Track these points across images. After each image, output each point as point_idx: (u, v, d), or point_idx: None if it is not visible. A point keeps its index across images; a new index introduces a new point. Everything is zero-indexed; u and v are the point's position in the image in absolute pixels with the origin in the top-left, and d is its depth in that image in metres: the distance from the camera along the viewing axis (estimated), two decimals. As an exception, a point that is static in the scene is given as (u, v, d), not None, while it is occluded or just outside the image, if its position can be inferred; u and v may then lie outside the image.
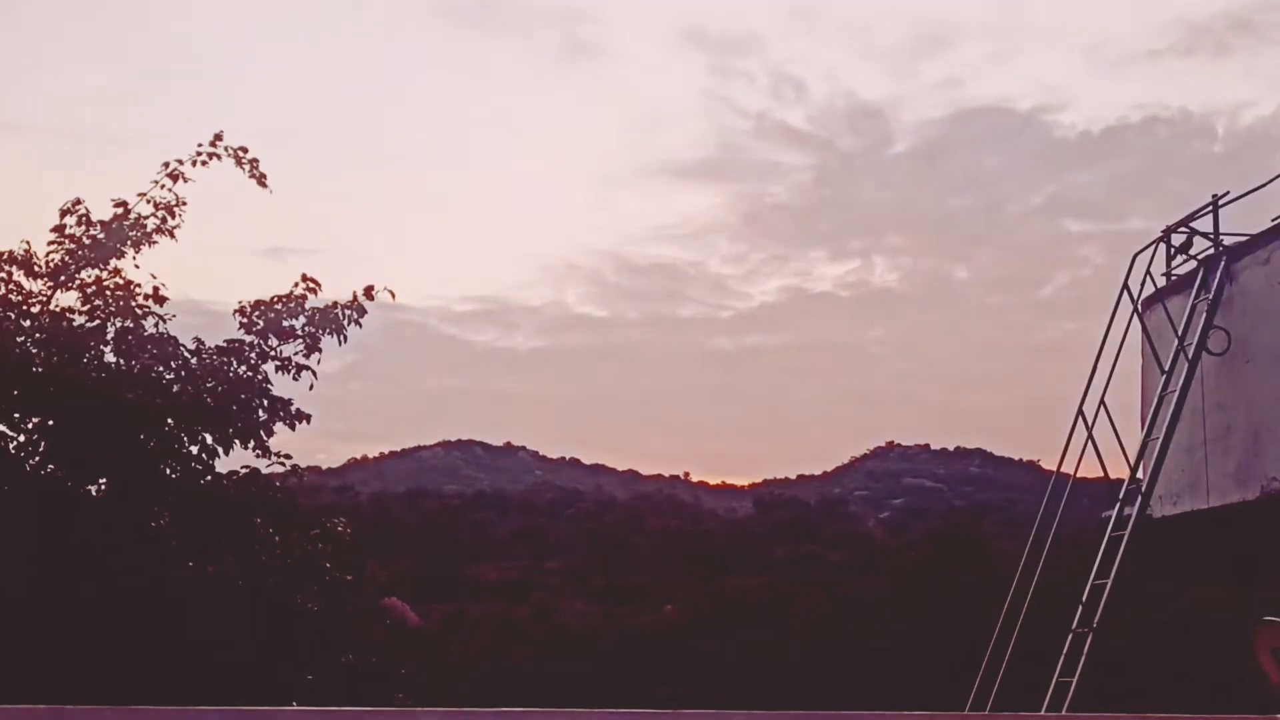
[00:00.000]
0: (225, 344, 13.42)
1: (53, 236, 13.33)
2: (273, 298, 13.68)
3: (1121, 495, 15.04)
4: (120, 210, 13.53)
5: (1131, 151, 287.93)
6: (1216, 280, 15.10)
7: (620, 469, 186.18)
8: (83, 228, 13.39)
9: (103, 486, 12.83)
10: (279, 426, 13.47)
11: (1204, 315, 15.08)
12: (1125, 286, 16.17)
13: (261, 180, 14.22)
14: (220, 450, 13.11)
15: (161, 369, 13.17)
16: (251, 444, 13.29)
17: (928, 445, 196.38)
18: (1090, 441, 15.53)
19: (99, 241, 13.37)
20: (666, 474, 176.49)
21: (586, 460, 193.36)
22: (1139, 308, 16.22)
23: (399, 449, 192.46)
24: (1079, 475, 15.84)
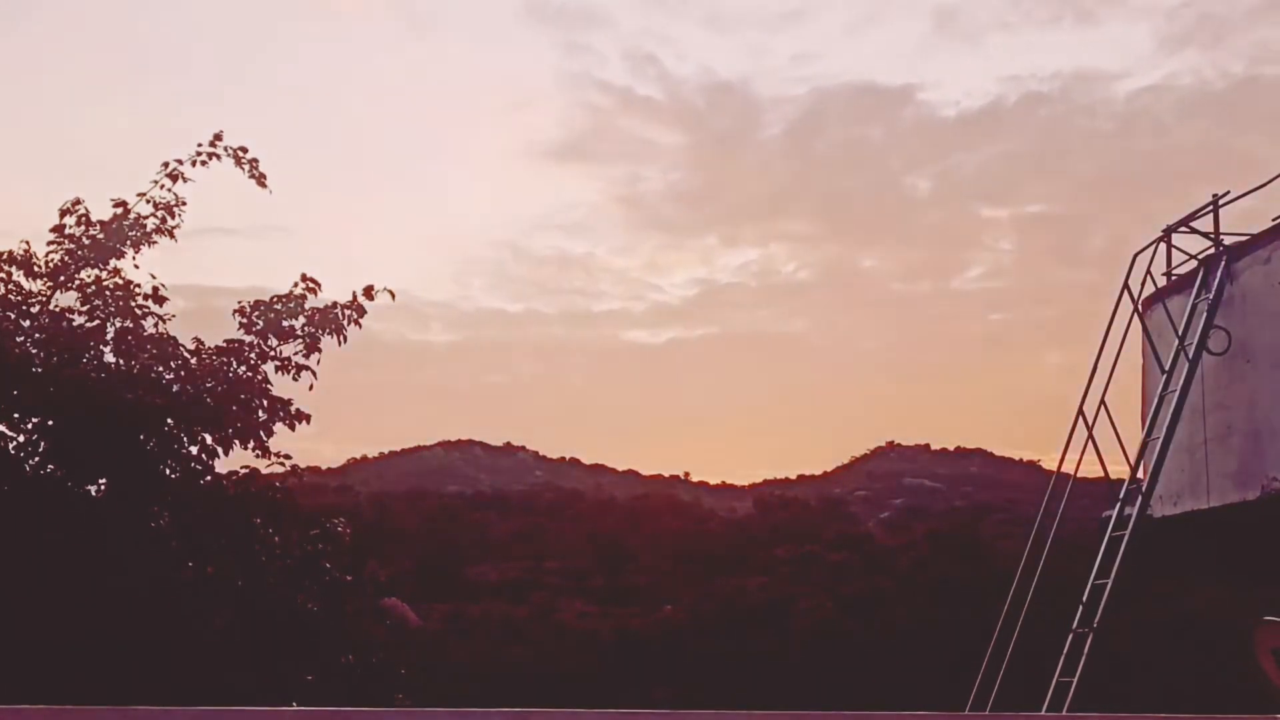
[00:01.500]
0: (225, 344, 13.42)
1: (52, 236, 13.33)
2: (272, 298, 13.69)
3: (1122, 495, 15.05)
4: (120, 210, 13.53)
5: (1016, 130, 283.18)
6: (1217, 280, 15.10)
7: (620, 469, 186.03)
8: (82, 228, 13.39)
9: (102, 487, 12.81)
10: (279, 426, 13.48)
11: (1204, 315, 15.08)
12: (1126, 286, 16.18)
13: (261, 180, 14.23)
14: (220, 450, 13.11)
15: (161, 369, 13.16)
16: (251, 444, 13.29)
17: (928, 445, 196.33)
18: (1090, 441, 15.55)
19: (98, 241, 13.37)
20: (666, 474, 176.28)
21: (586, 460, 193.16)
22: (1139, 307, 16.23)
23: (399, 449, 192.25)
24: (1079, 475, 15.86)
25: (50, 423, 12.50)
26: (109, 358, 13.14)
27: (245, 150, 14.03)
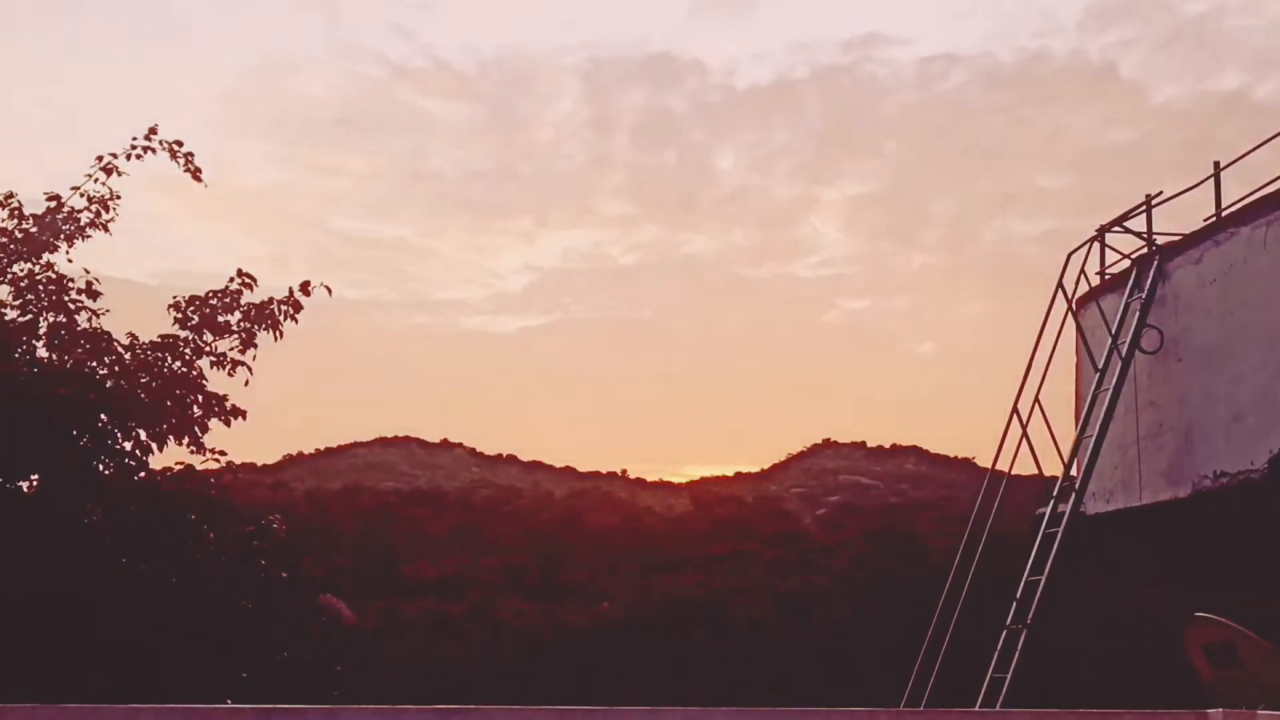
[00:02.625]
0: (160, 339, 13.34)
1: (-17, 231, 13.21)
2: (208, 293, 13.63)
3: (1055, 492, 15.16)
4: (53, 204, 13.42)
5: (815, 103, 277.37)
6: (1150, 279, 15.24)
7: (558, 466, 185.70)
8: (14, 220, 13.27)
9: (34, 483, 12.71)
10: (214, 423, 13.40)
11: (1137, 314, 15.22)
12: (1060, 285, 16.29)
13: (196, 174, 14.15)
14: (154, 446, 13.04)
15: (95, 364, 13.07)
16: (186, 440, 13.21)
17: (864, 443, 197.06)
18: (1025, 439, 15.64)
19: (31, 235, 13.25)
20: (604, 471, 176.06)
21: (524, 457, 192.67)
22: (1073, 306, 16.35)
23: (334, 445, 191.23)
24: (1014, 472, 15.95)
25: (-19, 418, 12.38)
26: (42, 352, 13.06)
27: (180, 144, 13.96)
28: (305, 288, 13.83)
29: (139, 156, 13.73)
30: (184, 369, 13.32)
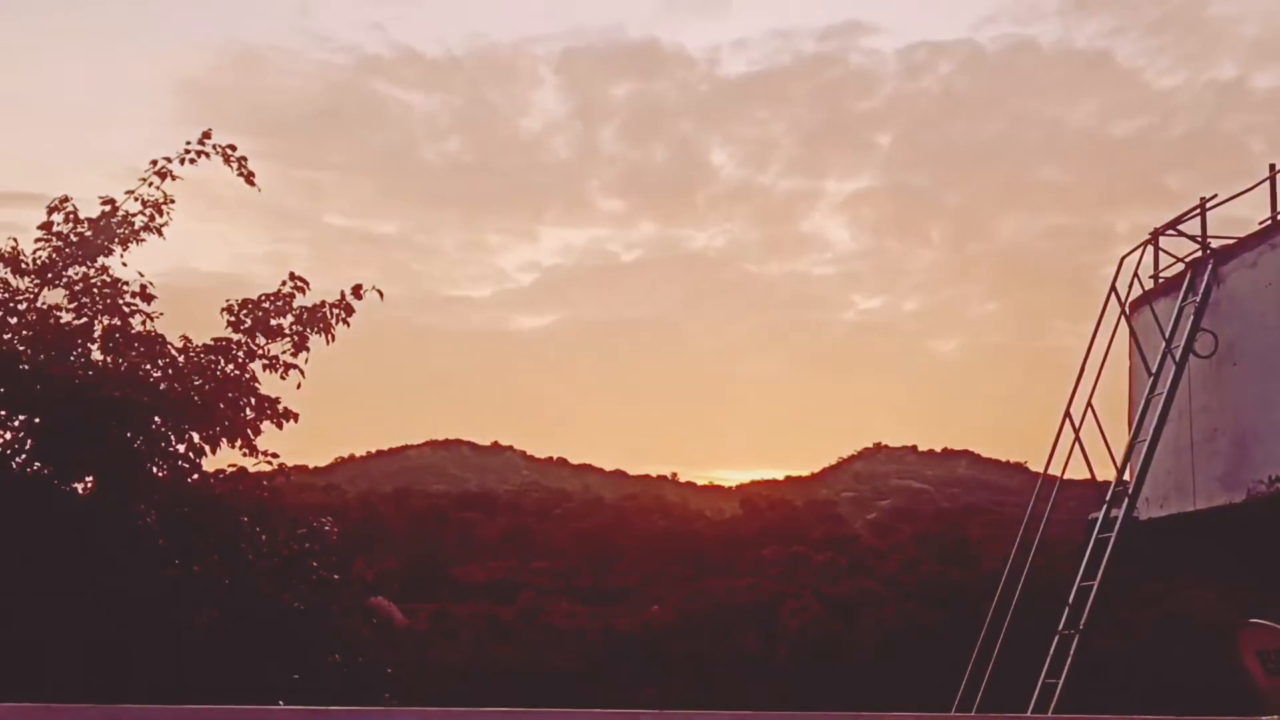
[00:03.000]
0: (213, 342, 13.41)
1: (40, 234, 13.32)
2: (260, 296, 13.69)
3: (1108, 497, 15.07)
4: (108, 208, 13.52)
5: (785, 96, 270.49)
6: (1204, 283, 15.13)
7: (608, 469, 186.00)
8: (70, 225, 13.37)
9: (89, 485, 12.79)
10: (266, 425, 13.47)
11: (1191, 318, 15.11)
12: (1113, 288, 16.20)
13: (250, 179, 14.22)
14: (207, 449, 13.09)
15: (149, 367, 13.15)
16: (238, 443, 13.28)
17: (915, 447, 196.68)
18: (1078, 444, 15.55)
19: (86, 239, 13.35)
20: (654, 474, 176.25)
21: (574, 460, 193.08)
22: (1126, 310, 16.25)
23: (386, 448, 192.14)
24: (1066, 477, 15.87)
25: (37, 420, 12.47)
26: (96, 355, 13.14)
27: (234, 148, 14.03)
28: (357, 291, 13.88)
29: (193, 161, 13.79)
30: (237, 372, 13.38)
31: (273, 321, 13.64)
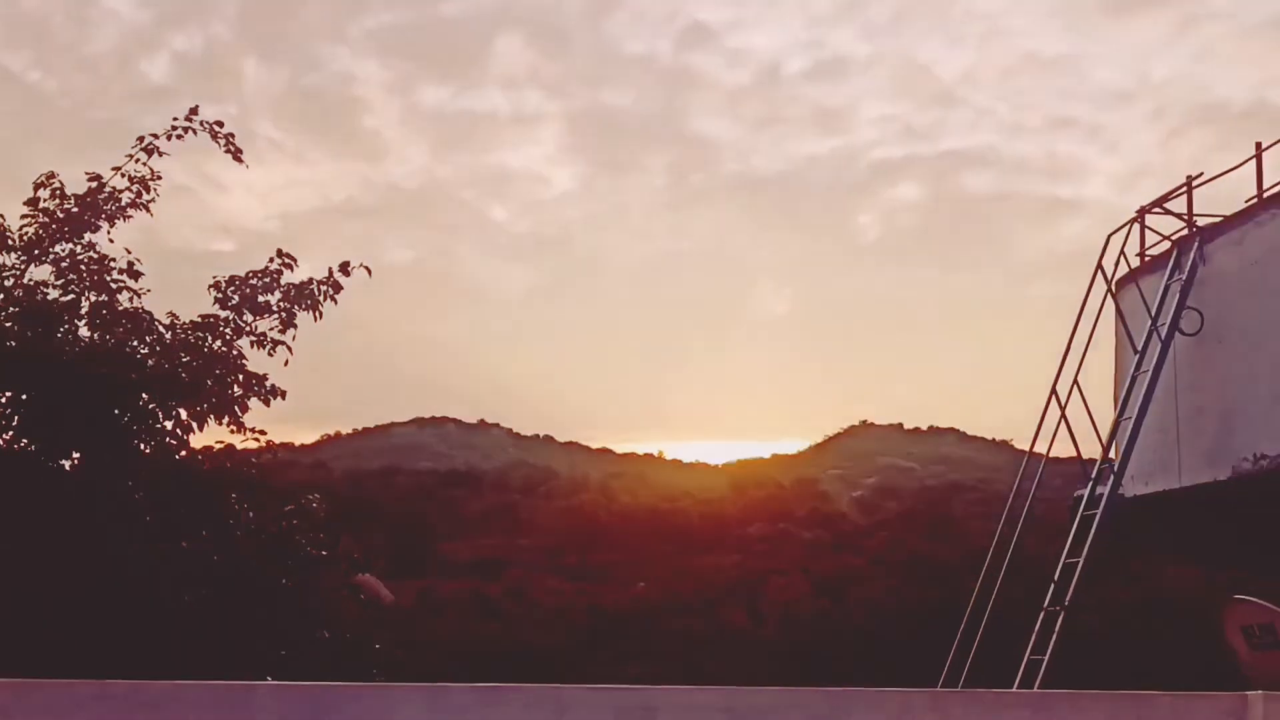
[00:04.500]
0: (200, 319, 13.40)
1: (26, 210, 13.29)
2: (248, 273, 13.68)
3: (1094, 474, 15.11)
4: (94, 184, 13.49)
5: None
6: (1190, 261, 15.16)
7: (594, 447, 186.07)
8: (56, 201, 13.34)
9: (77, 461, 12.79)
10: (253, 402, 13.47)
11: (1177, 296, 15.14)
12: (1099, 267, 16.22)
13: (237, 155, 14.20)
14: (195, 426, 13.12)
15: (136, 343, 13.14)
16: (226, 420, 13.28)
17: (901, 425, 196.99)
18: (1063, 421, 15.59)
19: (73, 215, 13.32)
20: (640, 452, 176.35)
21: (560, 438, 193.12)
22: (1112, 288, 16.27)
23: (373, 425, 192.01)
24: (1052, 455, 15.90)
25: (24, 397, 12.47)
26: (84, 332, 13.13)
27: (221, 124, 14.01)
28: (345, 268, 13.89)
29: (180, 137, 13.78)
30: (224, 349, 13.39)
31: (260, 298, 13.64)
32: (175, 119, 13.80)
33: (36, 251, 13.19)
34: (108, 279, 13.24)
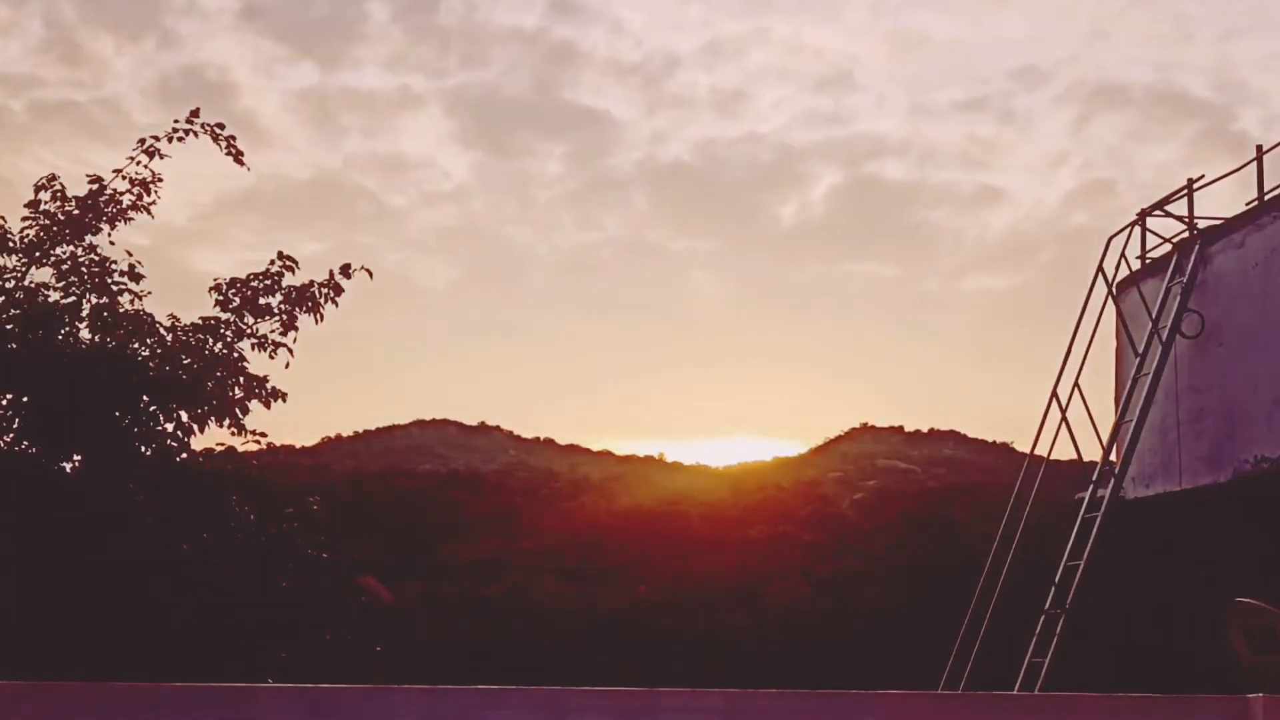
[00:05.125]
0: (201, 321, 13.40)
1: (27, 212, 13.30)
2: (249, 275, 13.69)
3: (1095, 477, 15.12)
4: (95, 186, 13.49)
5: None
6: (1190, 263, 15.16)
7: (595, 449, 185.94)
8: (58, 203, 13.35)
9: (77, 464, 12.80)
10: (254, 404, 13.48)
11: (1178, 298, 15.15)
12: (1100, 269, 16.23)
13: (238, 158, 14.20)
14: (195, 428, 13.12)
15: (137, 346, 13.14)
16: (227, 422, 13.29)
17: (901, 427, 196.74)
18: (1064, 424, 15.59)
19: (74, 217, 13.32)
20: (641, 455, 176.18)
21: (561, 441, 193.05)
22: (1113, 290, 16.28)
23: (373, 427, 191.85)
24: (1052, 457, 15.91)
25: (25, 399, 12.47)
26: (85, 334, 13.14)
27: (222, 126, 14.01)
28: (346, 270, 13.89)
29: (180, 139, 13.78)
30: (225, 351, 13.39)
31: (261, 300, 13.64)
32: (176, 121, 13.81)
33: (37, 254, 13.20)
34: (109, 281, 13.25)
